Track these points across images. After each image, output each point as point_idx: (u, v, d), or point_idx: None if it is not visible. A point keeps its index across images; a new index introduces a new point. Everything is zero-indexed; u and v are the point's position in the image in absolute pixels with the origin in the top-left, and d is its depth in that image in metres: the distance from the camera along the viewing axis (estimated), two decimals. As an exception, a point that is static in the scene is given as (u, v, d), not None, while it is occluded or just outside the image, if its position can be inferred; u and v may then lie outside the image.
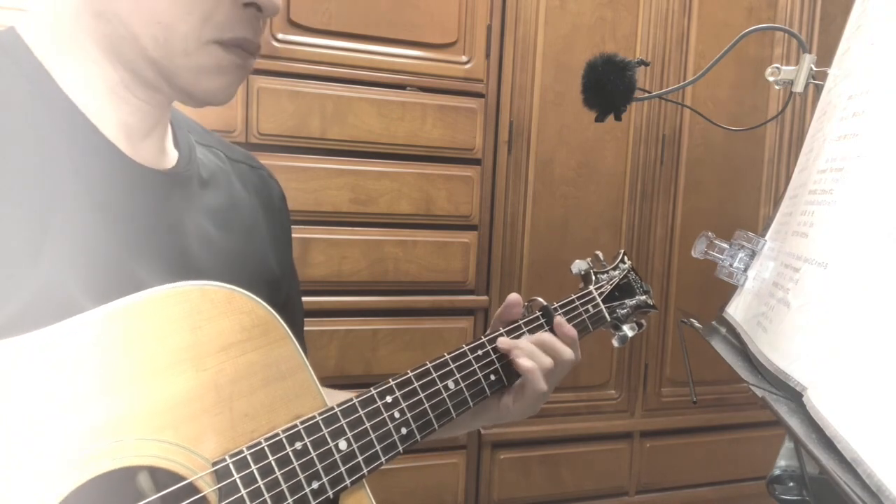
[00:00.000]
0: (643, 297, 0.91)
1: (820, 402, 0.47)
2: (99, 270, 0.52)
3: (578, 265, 0.90)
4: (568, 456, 2.10)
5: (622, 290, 0.90)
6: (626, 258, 0.94)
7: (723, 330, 0.79)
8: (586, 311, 0.84)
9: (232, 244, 0.66)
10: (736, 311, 0.78)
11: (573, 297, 0.85)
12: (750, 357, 0.65)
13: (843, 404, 0.44)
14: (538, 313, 0.80)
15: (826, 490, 0.76)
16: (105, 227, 0.54)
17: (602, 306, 0.86)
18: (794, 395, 0.51)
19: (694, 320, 0.81)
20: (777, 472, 0.82)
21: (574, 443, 2.10)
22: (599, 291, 0.87)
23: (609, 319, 0.87)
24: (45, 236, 0.49)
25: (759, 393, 0.54)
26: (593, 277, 0.89)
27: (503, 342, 0.74)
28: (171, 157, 0.63)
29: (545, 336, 0.76)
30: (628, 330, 0.88)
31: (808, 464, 0.77)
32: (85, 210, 0.52)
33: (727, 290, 0.83)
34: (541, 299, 0.82)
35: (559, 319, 0.78)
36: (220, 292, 0.54)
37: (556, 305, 0.82)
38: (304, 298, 0.82)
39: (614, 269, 0.92)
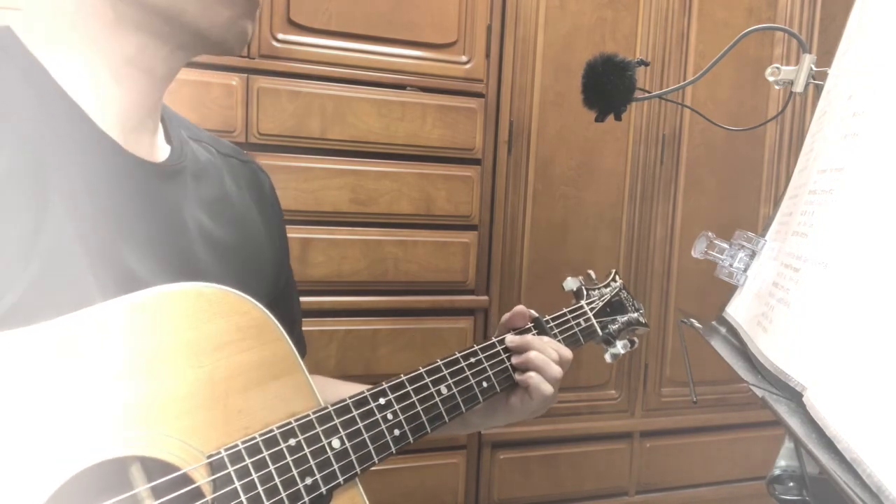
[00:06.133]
0: (635, 315, 0.94)
1: (820, 402, 0.47)
2: (93, 262, 0.52)
3: (570, 283, 0.93)
4: (568, 456, 2.10)
5: (613, 307, 0.93)
6: (617, 276, 0.97)
7: (723, 330, 0.79)
8: (577, 324, 0.87)
9: (228, 235, 0.66)
10: (736, 311, 0.78)
11: (565, 310, 0.88)
12: (750, 357, 0.65)
13: (843, 404, 0.44)
14: (530, 324, 0.83)
15: (826, 490, 0.76)
16: (100, 219, 0.54)
17: (594, 320, 0.89)
18: (794, 395, 0.51)
19: (694, 320, 0.81)
20: (777, 472, 0.82)
21: (574, 443, 2.10)
22: (591, 306, 0.90)
23: (601, 334, 0.89)
24: (40, 228, 0.49)
25: (759, 393, 0.54)
26: (585, 294, 0.92)
27: (512, 340, 0.78)
28: (164, 151, 0.64)
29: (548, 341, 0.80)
30: (620, 347, 0.90)
31: (808, 464, 0.77)
32: (81, 201, 0.52)
33: (727, 290, 0.82)
34: (532, 312, 0.84)
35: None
36: (217, 293, 0.55)
37: (549, 318, 0.85)
38: (304, 298, 0.83)
39: (605, 286, 0.94)
